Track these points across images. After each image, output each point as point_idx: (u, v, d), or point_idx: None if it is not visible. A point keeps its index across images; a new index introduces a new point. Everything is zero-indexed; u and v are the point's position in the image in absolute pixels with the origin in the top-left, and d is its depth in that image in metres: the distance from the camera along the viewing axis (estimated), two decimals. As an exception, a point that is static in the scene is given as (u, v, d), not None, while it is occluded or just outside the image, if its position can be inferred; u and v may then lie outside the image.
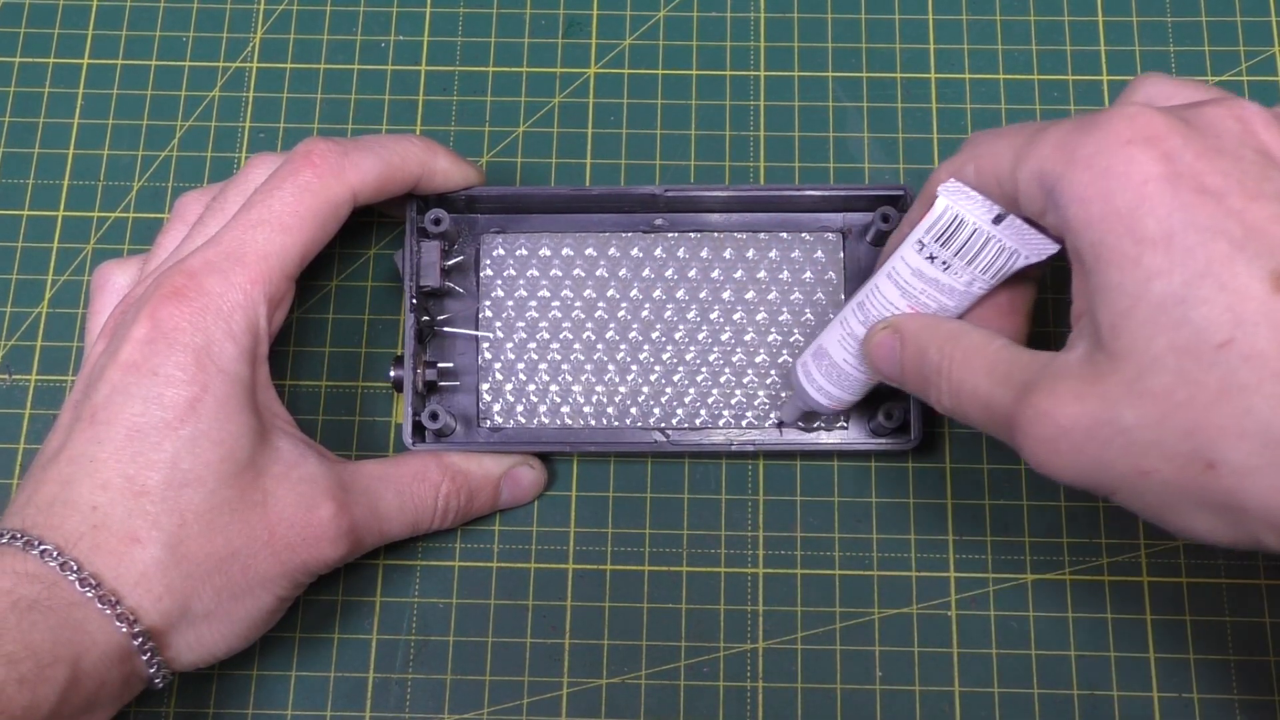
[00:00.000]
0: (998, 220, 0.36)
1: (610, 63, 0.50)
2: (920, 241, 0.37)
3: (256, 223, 0.39)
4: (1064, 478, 0.32)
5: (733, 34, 0.50)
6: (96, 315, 0.42)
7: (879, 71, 0.50)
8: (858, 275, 0.46)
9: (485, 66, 0.50)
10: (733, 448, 0.44)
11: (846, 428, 0.45)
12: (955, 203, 0.36)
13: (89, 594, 0.35)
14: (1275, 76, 0.49)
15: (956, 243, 0.36)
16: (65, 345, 0.47)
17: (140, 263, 0.43)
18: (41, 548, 0.35)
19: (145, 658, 0.36)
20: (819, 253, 0.46)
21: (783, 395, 0.45)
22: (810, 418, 0.45)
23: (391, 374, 0.43)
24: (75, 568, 0.35)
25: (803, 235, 0.46)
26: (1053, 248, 0.36)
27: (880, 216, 0.44)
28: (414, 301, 0.43)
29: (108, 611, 0.35)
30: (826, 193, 0.44)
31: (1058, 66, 0.49)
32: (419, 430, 0.43)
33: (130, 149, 0.49)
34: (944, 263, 0.37)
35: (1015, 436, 0.33)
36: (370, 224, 0.48)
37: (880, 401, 0.43)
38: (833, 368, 0.41)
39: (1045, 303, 0.47)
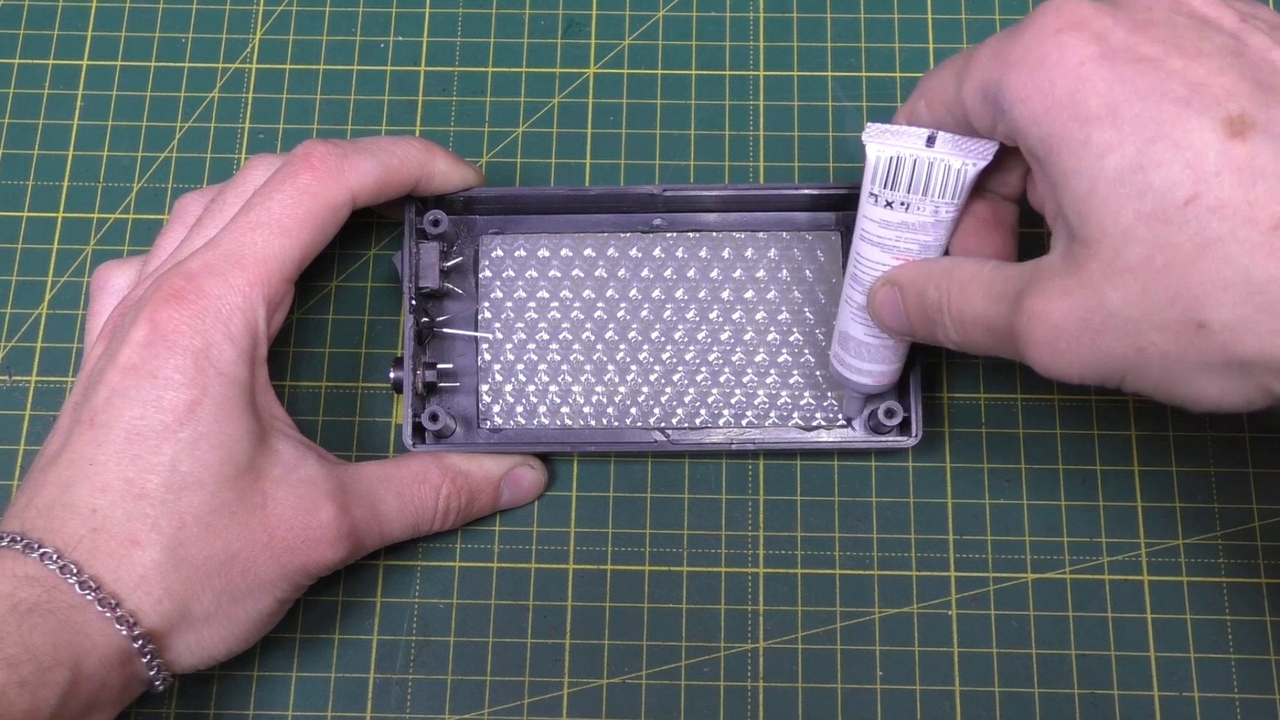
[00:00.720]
0: (930, 142, 0.36)
1: (609, 63, 0.50)
2: (872, 194, 0.37)
3: (255, 225, 0.39)
4: (1072, 376, 0.32)
5: (732, 34, 0.50)
6: (96, 316, 0.42)
7: (878, 71, 0.50)
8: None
9: (484, 67, 0.50)
10: (733, 447, 0.44)
11: (846, 426, 0.45)
12: (884, 144, 0.36)
13: (89, 597, 0.35)
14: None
15: (903, 180, 0.36)
16: (65, 347, 0.47)
17: (140, 264, 0.43)
18: (41, 551, 0.35)
19: (145, 660, 0.36)
20: (818, 251, 0.46)
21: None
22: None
23: (391, 375, 0.43)
24: (75, 570, 0.35)
25: (802, 234, 0.46)
26: (992, 146, 0.36)
27: None
28: (413, 303, 0.43)
29: (108, 614, 0.35)
30: (825, 191, 0.44)
31: (1057, 65, 0.49)
32: (419, 431, 0.43)
33: (130, 150, 0.49)
34: (903, 204, 0.37)
35: (1019, 347, 0.33)
36: (370, 225, 0.48)
37: (881, 400, 0.43)
38: (859, 346, 0.41)
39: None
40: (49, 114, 0.50)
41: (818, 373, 0.45)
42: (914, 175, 0.36)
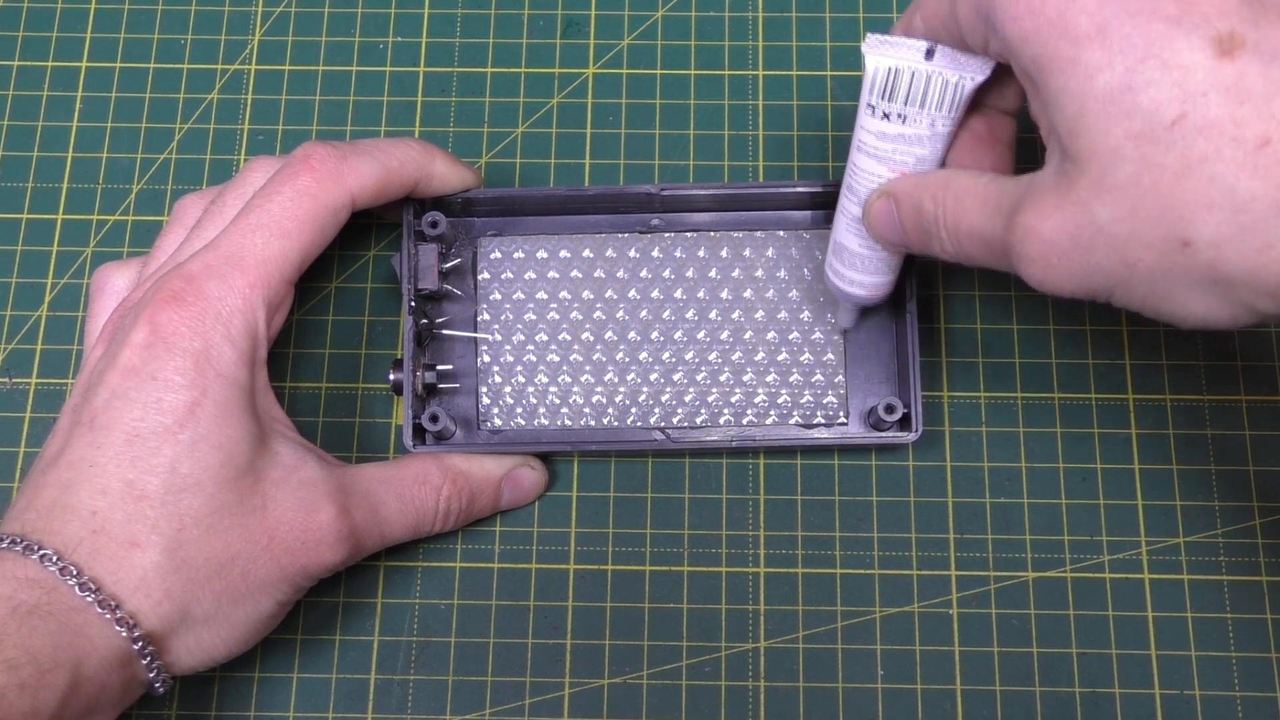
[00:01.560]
0: (929, 55, 0.36)
1: (608, 63, 0.50)
2: (869, 105, 0.37)
3: (255, 227, 0.39)
4: (1064, 290, 0.32)
5: (731, 33, 0.50)
6: (95, 318, 0.42)
7: (877, 70, 0.49)
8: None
9: (484, 68, 0.50)
10: (733, 444, 0.43)
11: (846, 424, 0.45)
12: (883, 55, 0.36)
13: (89, 599, 0.35)
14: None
15: (901, 92, 0.36)
16: (65, 348, 0.47)
17: (139, 265, 0.43)
18: (41, 552, 0.35)
19: (145, 662, 0.36)
20: (816, 250, 0.46)
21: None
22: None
23: (391, 377, 0.43)
24: (75, 572, 0.35)
25: (800, 233, 0.46)
26: (990, 62, 0.36)
27: None
28: (412, 304, 0.43)
29: (108, 616, 0.35)
30: (823, 189, 0.44)
31: (1056, 64, 0.49)
32: (419, 433, 0.43)
33: (129, 152, 0.49)
34: (900, 115, 0.37)
35: (1012, 261, 0.33)
36: (370, 226, 0.48)
37: (881, 396, 0.43)
38: (854, 257, 0.41)
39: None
40: (48, 116, 0.50)
41: (817, 371, 0.45)
42: (911, 87, 0.36)
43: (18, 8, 0.51)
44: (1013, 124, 0.39)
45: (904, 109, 0.37)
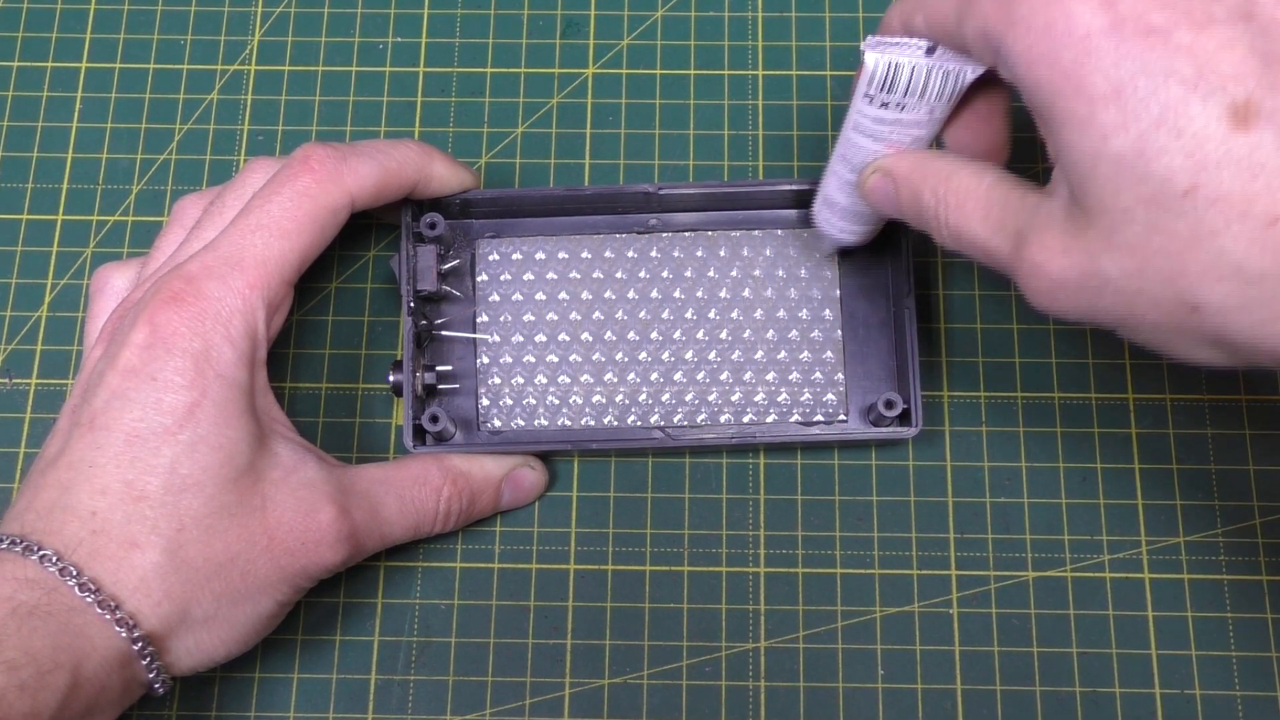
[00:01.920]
0: (930, 52, 0.36)
1: (608, 63, 0.50)
2: (868, 95, 0.37)
3: (255, 228, 0.39)
4: (1068, 319, 0.33)
5: (730, 33, 0.50)
6: (95, 318, 0.42)
7: (877, 70, 0.49)
8: (852, 268, 0.46)
9: (483, 68, 0.50)
10: (733, 441, 0.43)
11: (846, 421, 0.45)
12: (884, 53, 0.36)
13: (88, 599, 0.35)
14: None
15: (900, 85, 0.36)
16: (65, 349, 0.47)
17: (139, 265, 0.43)
18: (41, 553, 0.35)
19: (145, 663, 0.36)
20: (814, 248, 0.46)
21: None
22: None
23: (391, 378, 0.43)
24: (75, 573, 0.35)
25: (798, 231, 0.46)
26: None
27: None
28: (411, 305, 0.43)
29: (107, 616, 0.35)
30: (811, 186, 0.44)
31: (1056, 64, 0.49)
32: (419, 433, 0.43)
33: (129, 152, 0.49)
34: (898, 104, 0.37)
35: (1017, 283, 0.33)
36: (370, 226, 0.48)
37: (880, 393, 0.43)
38: (845, 211, 0.41)
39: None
40: (48, 116, 0.50)
41: (816, 370, 0.45)
42: (912, 80, 0.36)
43: (18, 8, 0.51)
44: (1007, 95, 0.38)
45: (903, 99, 0.37)
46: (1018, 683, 0.43)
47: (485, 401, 0.45)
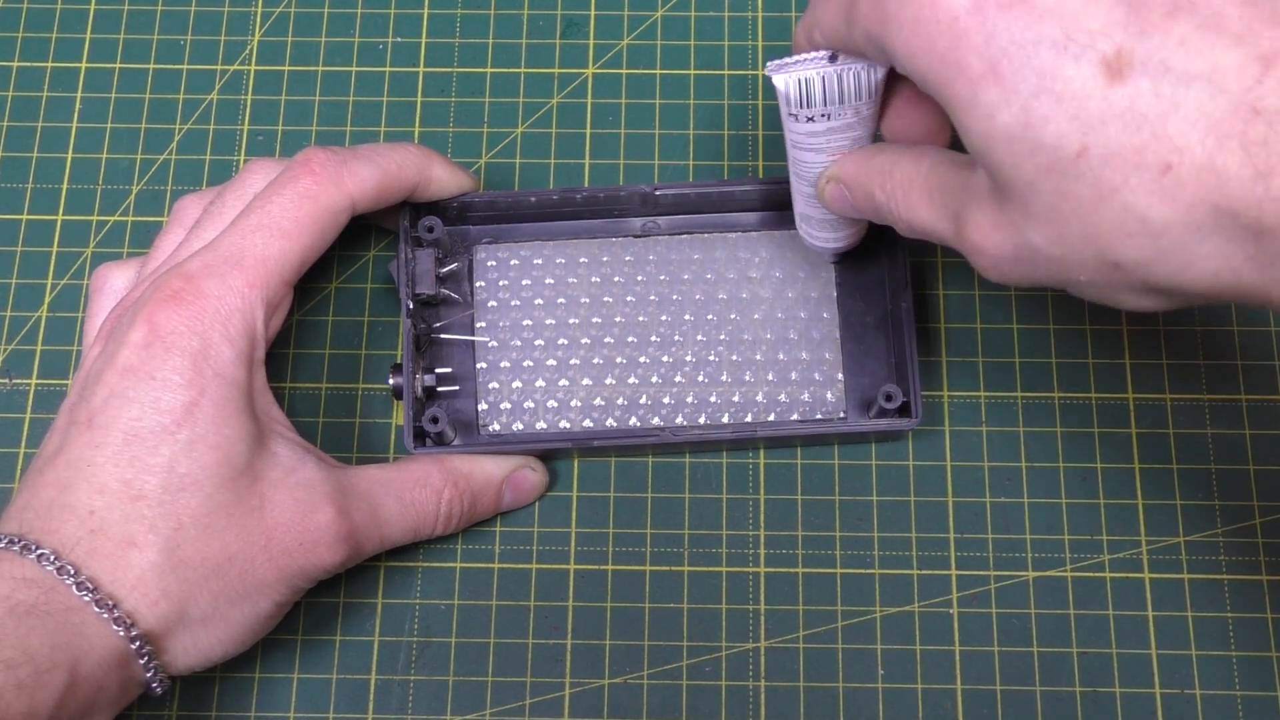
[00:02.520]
0: (833, 59, 0.36)
1: (608, 63, 0.50)
2: (792, 115, 0.37)
3: (255, 227, 0.39)
4: (1022, 287, 0.34)
5: (730, 33, 0.50)
6: (94, 317, 0.42)
7: (877, 70, 0.49)
8: (849, 267, 0.46)
9: (483, 68, 0.50)
10: (734, 435, 0.43)
11: (845, 417, 0.45)
12: (789, 73, 0.36)
13: (86, 598, 0.35)
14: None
15: (816, 97, 0.36)
16: (65, 349, 0.47)
17: (138, 264, 0.43)
18: (39, 552, 0.35)
19: (143, 662, 0.36)
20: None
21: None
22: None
23: (391, 381, 0.43)
24: (73, 572, 0.35)
25: (795, 230, 0.46)
26: None
27: None
28: (410, 308, 0.43)
29: (105, 615, 0.35)
30: None
31: (1056, 63, 0.49)
32: (420, 435, 0.43)
33: (129, 152, 0.49)
34: (823, 114, 0.37)
35: (968, 260, 0.34)
36: (370, 226, 0.48)
37: (880, 388, 0.43)
38: (821, 222, 0.42)
39: (1045, 300, 0.47)
40: (48, 117, 0.50)
41: (816, 370, 0.45)
42: (825, 89, 0.36)
43: (17, 9, 0.51)
44: None
45: (825, 109, 0.37)
46: (1018, 683, 0.43)
47: (484, 405, 0.45)
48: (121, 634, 0.36)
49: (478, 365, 0.45)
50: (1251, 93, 0.27)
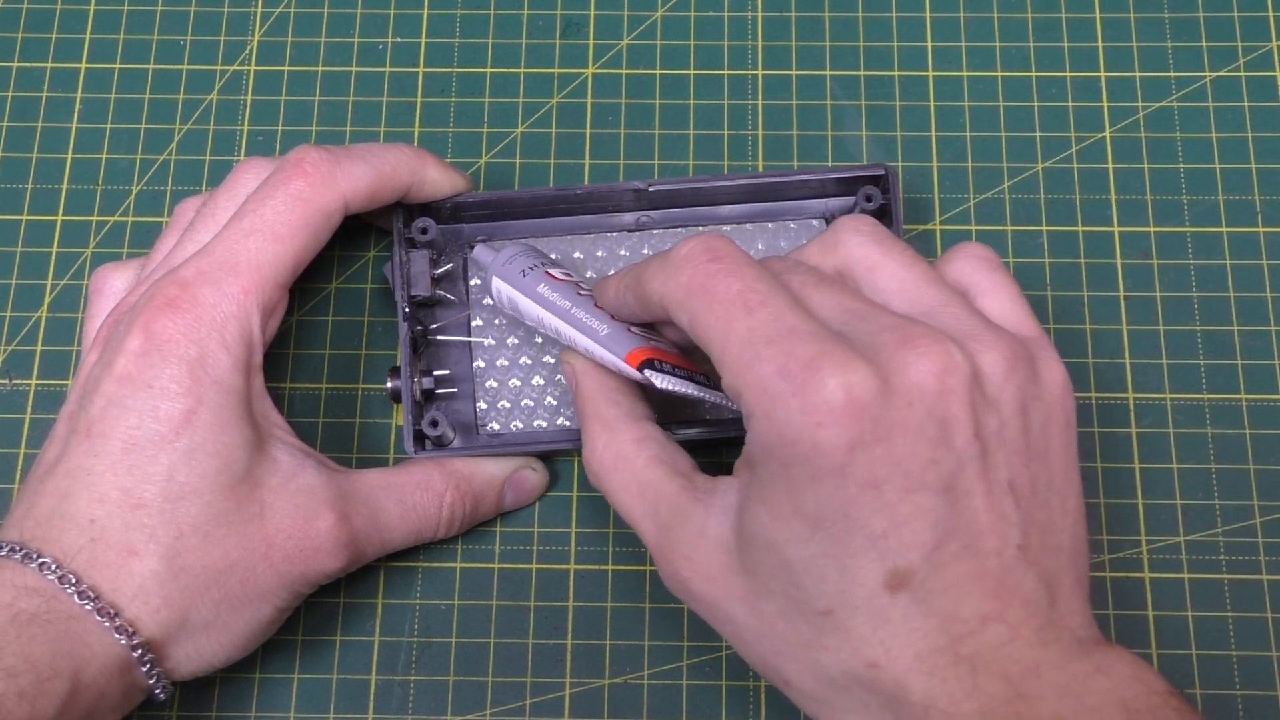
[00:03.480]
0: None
1: (608, 63, 0.50)
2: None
3: (249, 231, 0.39)
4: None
5: (730, 33, 0.50)
6: (93, 319, 0.42)
7: (876, 69, 0.49)
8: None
9: (483, 68, 0.50)
10: (734, 433, 0.43)
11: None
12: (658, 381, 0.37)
13: (88, 607, 0.35)
14: (1273, 71, 0.49)
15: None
16: (65, 350, 0.47)
17: (138, 266, 0.43)
18: (40, 561, 0.36)
19: (145, 669, 0.36)
20: (804, 239, 0.46)
21: None
22: None
23: (389, 385, 0.43)
24: (74, 581, 0.35)
25: (787, 224, 0.46)
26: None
27: (863, 197, 0.44)
28: (406, 310, 0.43)
29: (106, 624, 0.35)
30: (807, 177, 0.44)
31: (1055, 63, 0.49)
32: (419, 439, 0.43)
33: (129, 153, 0.49)
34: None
35: (658, 564, 0.37)
36: (370, 226, 0.48)
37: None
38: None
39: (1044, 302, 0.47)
40: (48, 117, 0.50)
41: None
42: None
43: (17, 9, 0.51)
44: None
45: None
46: (1018, 682, 0.43)
47: (483, 405, 0.45)
48: (123, 642, 0.36)
49: (475, 364, 0.45)
50: (964, 639, 0.31)
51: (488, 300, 0.46)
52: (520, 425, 0.45)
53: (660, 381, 0.37)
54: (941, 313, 0.34)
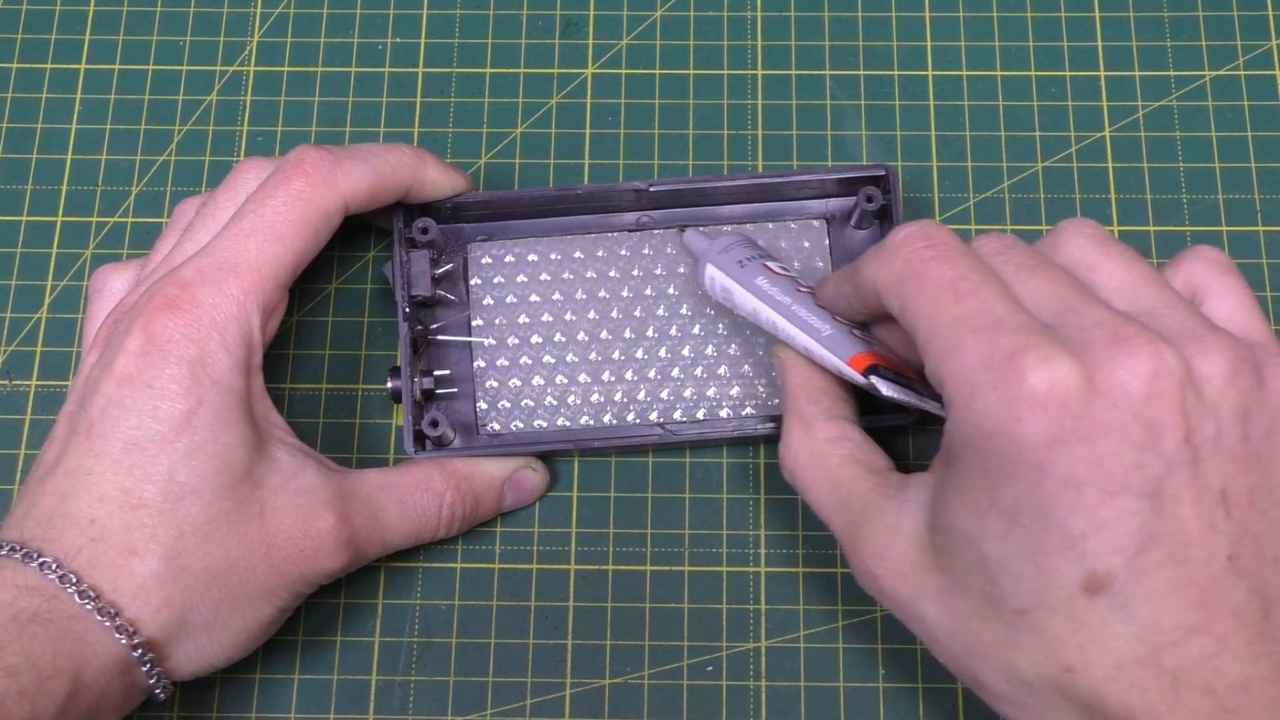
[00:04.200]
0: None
1: (607, 63, 0.50)
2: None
3: (249, 232, 0.39)
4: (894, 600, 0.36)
5: (730, 33, 0.50)
6: (93, 320, 0.42)
7: (876, 69, 0.50)
8: (844, 259, 0.46)
9: (483, 68, 0.50)
10: (734, 433, 0.43)
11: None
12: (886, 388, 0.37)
13: (88, 606, 0.35)
14: (1273, 70, 0.49)
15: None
16: (65, 350, 0.47)
17: (138, 267, 0.43)
18: (41, 560, 0.36)
19: (145, 669, 0.36)
20: (805, 240, 0.46)
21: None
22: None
23: (389, 385, 0.43)
24: (74, 580, 0.35)
25: (788, 224, 0.46)
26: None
27: (864, 197, 0.44)
28: (406, 310, 0.43)
29: (107, 624, 0.35)
30: (808, 177, 0.44)
31: (1055, 62, 0.49)
32: (420, 439, 0.43)
33: (128, 154, 0.49)
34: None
35: (850, 561, 0.37)
36: (370, 226, 0.48)
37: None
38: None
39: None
40: (47, 118, 0.50)
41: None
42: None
43: (16, 10, 0.51)
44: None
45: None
46: (1018, 682, 0.43)
47: (483, 405, 0.45)
48: (124, 642, 0.36)
49: (475, 364, 0.45)
50: (1166, 650, 0.30)
51: (488, 300, 0.46)
52: (520, 425, 0.45)
53: (885, 389, 0.36)
54: (1162, 313, 0.33)
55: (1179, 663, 0.30)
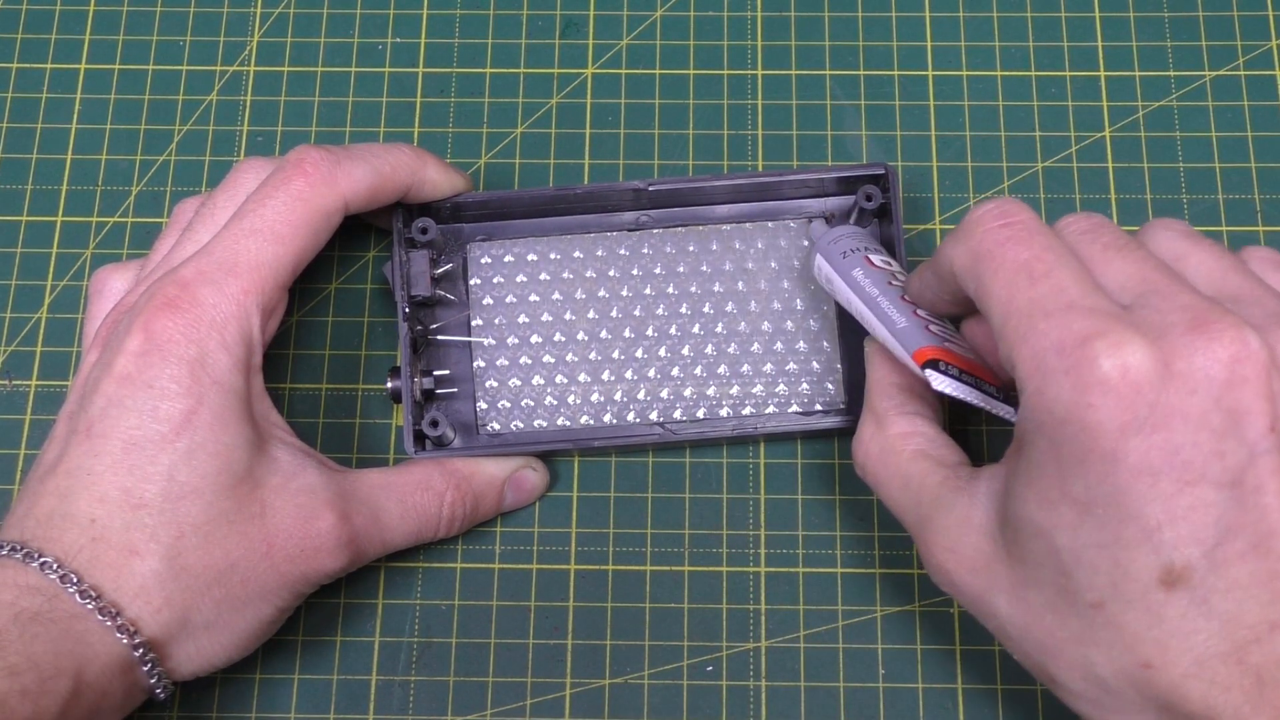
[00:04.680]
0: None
1: (607, 63, 0.50)
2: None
3: (249, 232, 0.39)
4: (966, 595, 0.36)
5: (730, 33, 0.50)
6: (93, 320, 0.42)
7: (876, 69, 0.50)
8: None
9: (482, 68, 0.50)
10: (734, 432, 0.43)
11: (845, 408, 0.45)
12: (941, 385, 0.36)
13: (89, 606, 0.35)
14: (1273, 70, 0.49)
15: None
16: (65, 350, 0.47)
17: (138, 267, 0.43)
18: (42, 560, 0.36)
19: (146, 669, 0.36)
20: (804, 239, 0.46)
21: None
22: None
23: (389, 385, 0.43)
24: (75, 580, 0.35)
25: (787, 222, 0.46)
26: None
27: (863, 196, 0.44)
28: (406, 310, 0.43)
29: (108, 623, 0.35)
30: (807, 176, 0.44)
31: (1055, 62, 0.49)
32: (420, 439, 0.43)
33: (128, 154, 0.49)
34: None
35: (921, 557, 0.36)
36: (370, 226, 0.48)
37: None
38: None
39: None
40: (47, 118, 0.50)
41: (814, 360, 0.45)
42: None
43: (16, 10, 0.51)
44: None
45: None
46: (1019, 681, 0.43)
47: (483, 404, 0.45)
48: (125, 641, 0.36)
49: (475, 364, 0.45)
50: (1249, 646, 0.30)
51: (488, 300, 0.46)
52: (520, 425, 0.45)
53: (937, 383, 0.36)
54: (1249, 299, 0.32)
55: (1263, 660, 0.30)
